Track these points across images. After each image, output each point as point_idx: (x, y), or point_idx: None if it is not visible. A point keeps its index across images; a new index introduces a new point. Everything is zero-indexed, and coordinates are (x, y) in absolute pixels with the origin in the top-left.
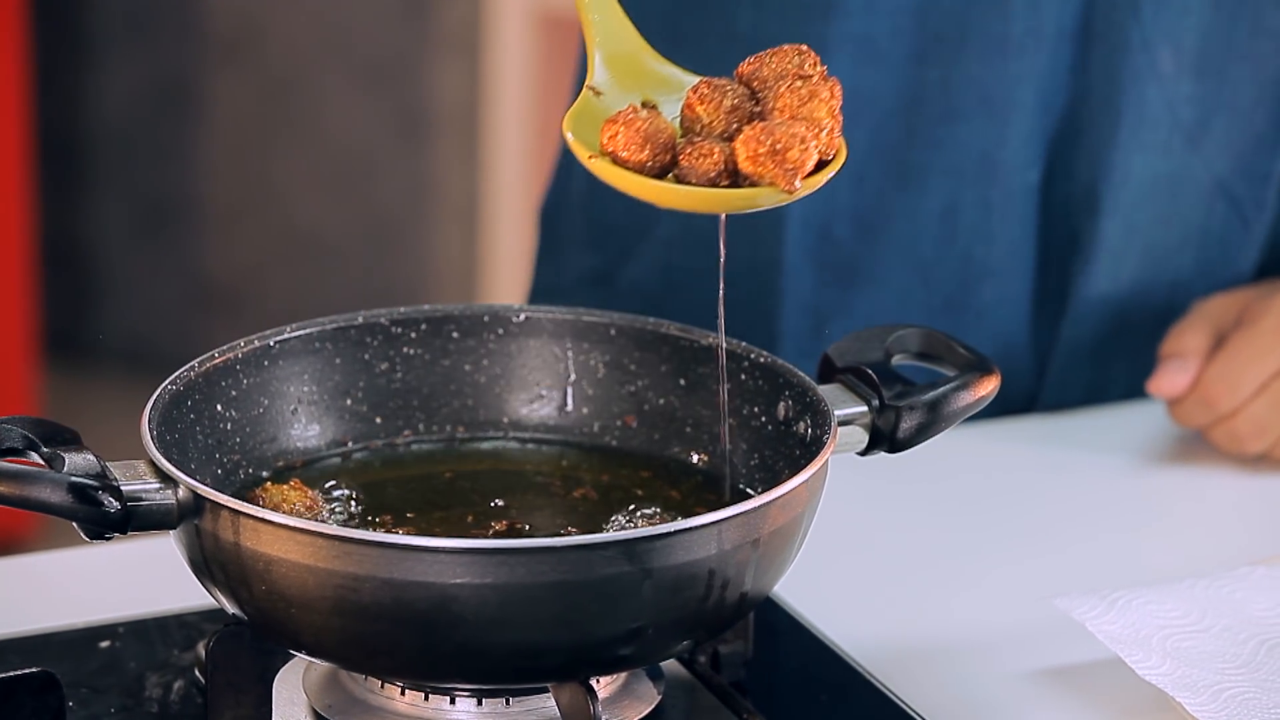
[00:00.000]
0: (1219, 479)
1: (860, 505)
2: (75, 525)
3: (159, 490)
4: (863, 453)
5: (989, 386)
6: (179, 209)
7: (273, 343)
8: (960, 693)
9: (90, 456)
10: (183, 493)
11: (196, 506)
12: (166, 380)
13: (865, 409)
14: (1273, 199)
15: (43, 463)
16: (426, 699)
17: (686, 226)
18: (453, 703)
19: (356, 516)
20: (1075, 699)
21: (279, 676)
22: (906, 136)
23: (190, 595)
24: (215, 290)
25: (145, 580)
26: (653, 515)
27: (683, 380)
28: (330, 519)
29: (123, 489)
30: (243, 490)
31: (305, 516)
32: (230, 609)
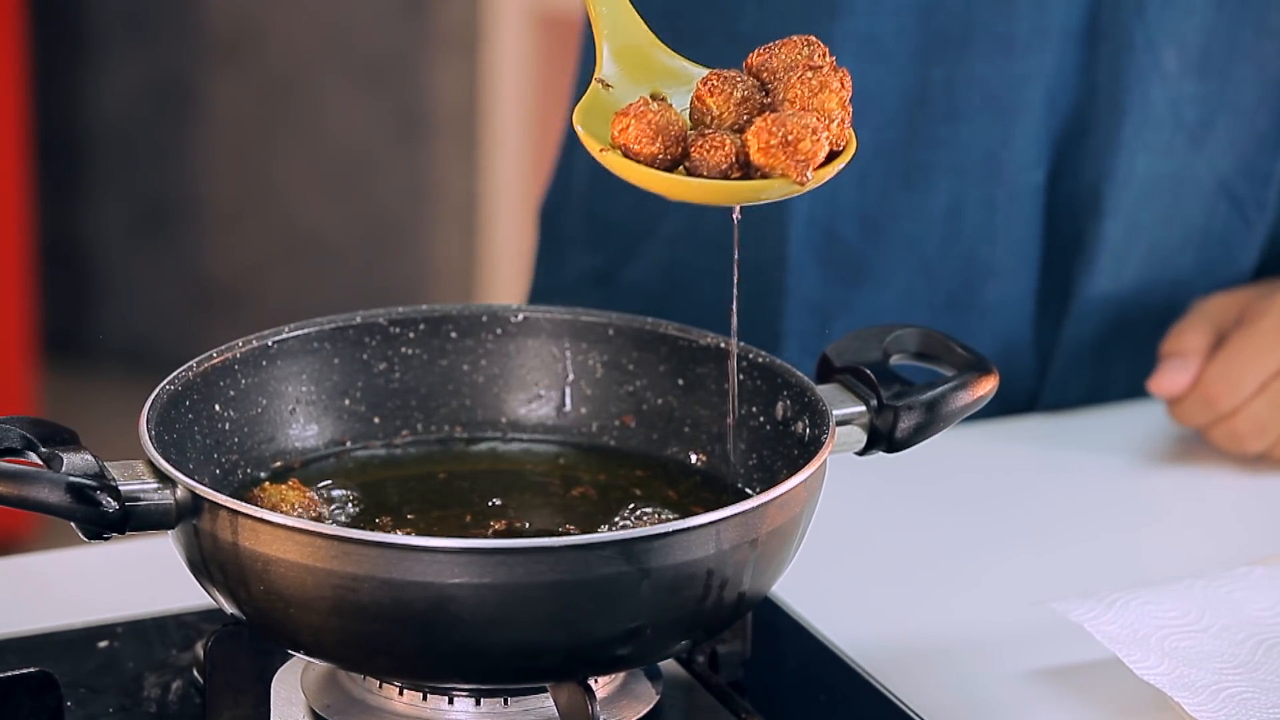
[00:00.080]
0: (1218, 479)
1: (859, 505)
2: (73, 525)
3: (157, 490)
4: (861, 452)
5: (987, 386)
6: (178, 209)
7: (271, 343)
8: (959, 693)
9: (88, 456)
10: (181, 493)
11: (195, 506)
12: (165, 380)
13: (863, 409)
14: (1274, 199)
15: (41, 463)
16: (425, 699)
17: (692, 225)
18: (451, 703)
19: (355, 516)
20: (1074, 699)
21: (277, 676)
22: (911, 136)
23: (188, 595)
24: (214, 290)
25: (143, 580)
26: (651, 515)
27: (681, 380)
28: (328, 519)
29: (121, 489)
30: (241, 490)
31: (303, 516)
32: (228, 609)
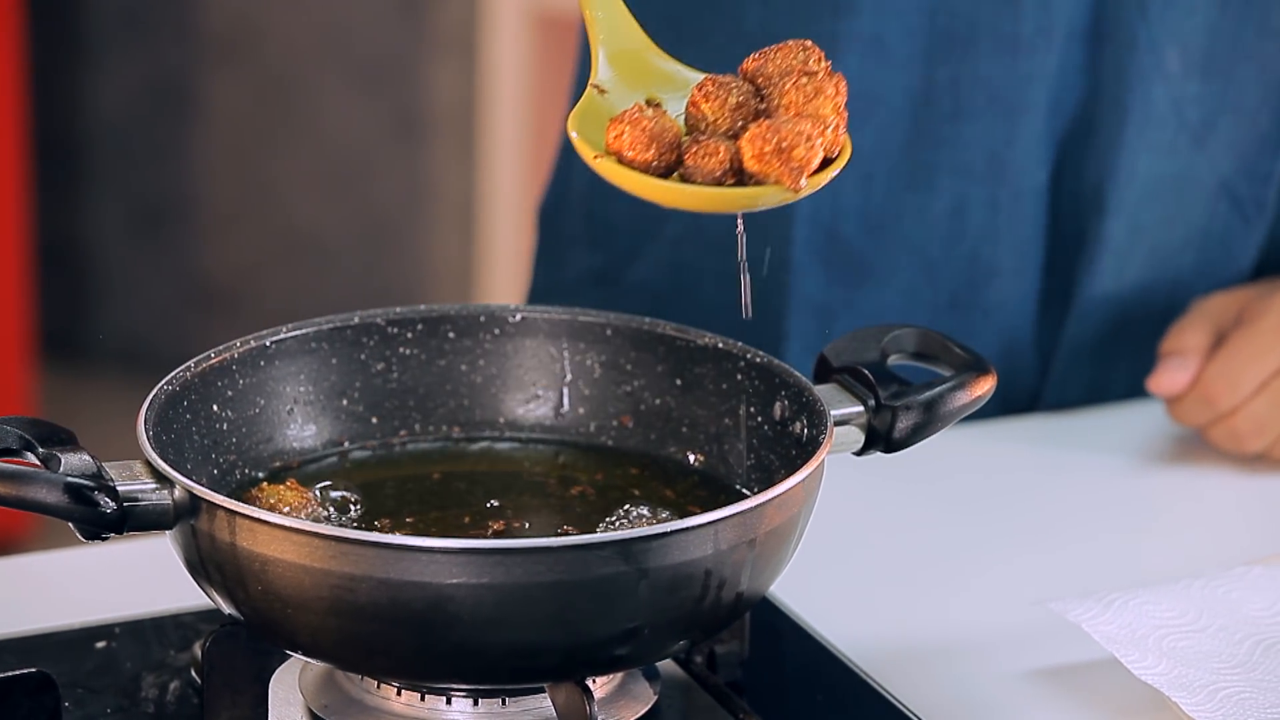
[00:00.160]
0: (1217, 479)
1: (857, 505)
2: (71, 525)
3: (155, 490)
4: (859, 453)
5: (985, 386)
6: (175, 209)
7: (269, 343)
8: (957, 693)
9: (86, 457)
10: (179, 493)
11: (192, 507)
12: (163, 380)
13: (861, 409)
14: (1273, 199)
15: (39, 463)
16: (423, 699)
17: (696, 226)
18: (449, 703)
19: (352, 517)
20: (1071, 699)
21: (275, 677)
22: (915, 135)
23: (186, 595)
24: (212, 290)
25: (141, 580)
26: (648, 515)
27: (679, 380)
28: (326, 519)
29: (119, 489)
30: (239, 490)
31: (301, 517)
32: (226, 609)
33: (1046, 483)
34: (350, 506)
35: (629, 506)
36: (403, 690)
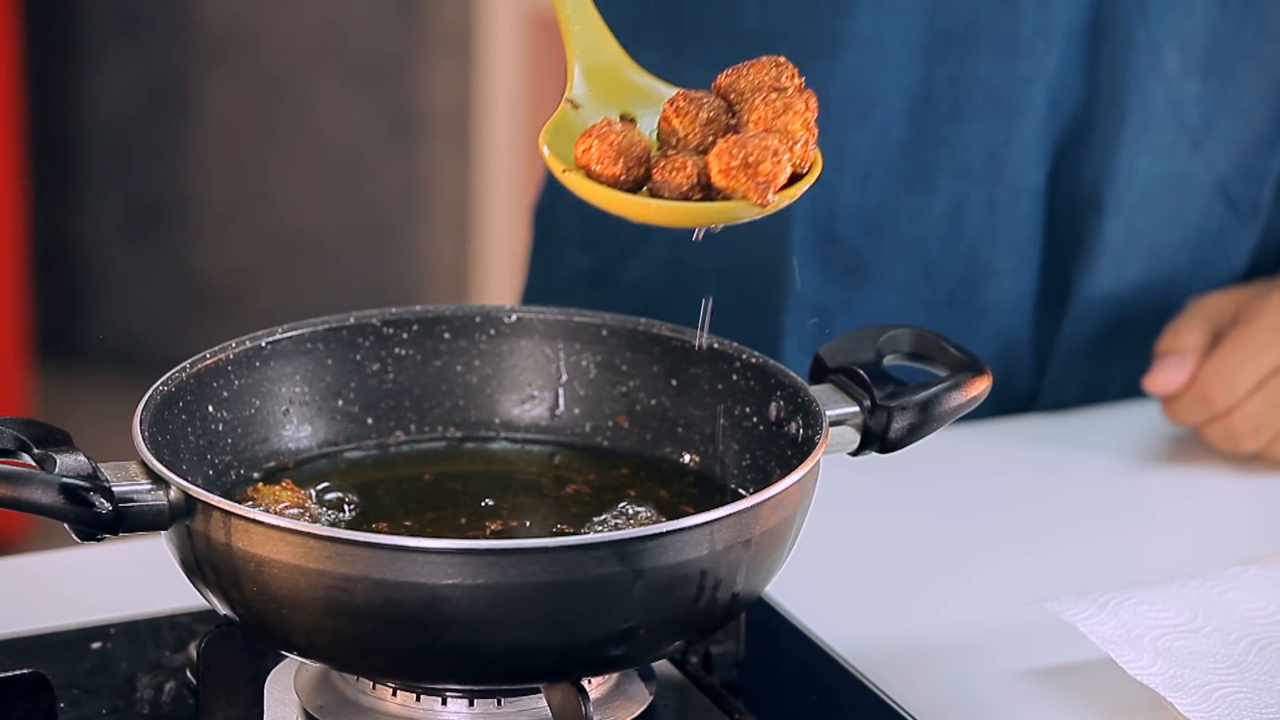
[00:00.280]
0: (1212, 479)
1: (853, 506)
2: (67, 526)
3: (150, 491)
4: (854, 453)
5: (980, 387)
6: (171, 209)
7: (264, 343)
8: (952, 693)
9: (82, 458)
10: (174, 494)
11: (188, 507)
12: (158, 381)
13: (857, 409)
14: (1268, 199)
15: (34, 464)
16: (418, 700)
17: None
18: (444, 703)
19: (348, 517)
20: (1067, 699)
21: (271, 677)
22: (914, 135)
23: (182, 596)
24: (207, 291)
25: (137, 581)
26: (643, 516)
27: (674, 381)
28: (322, 520)
29: (114, 490)
30: (234, 491)
31: (296, 517)
32: (222, 610)
33: (1042, 483)
34: (345, 507)
35: (624, 505)
36: (398, 691)
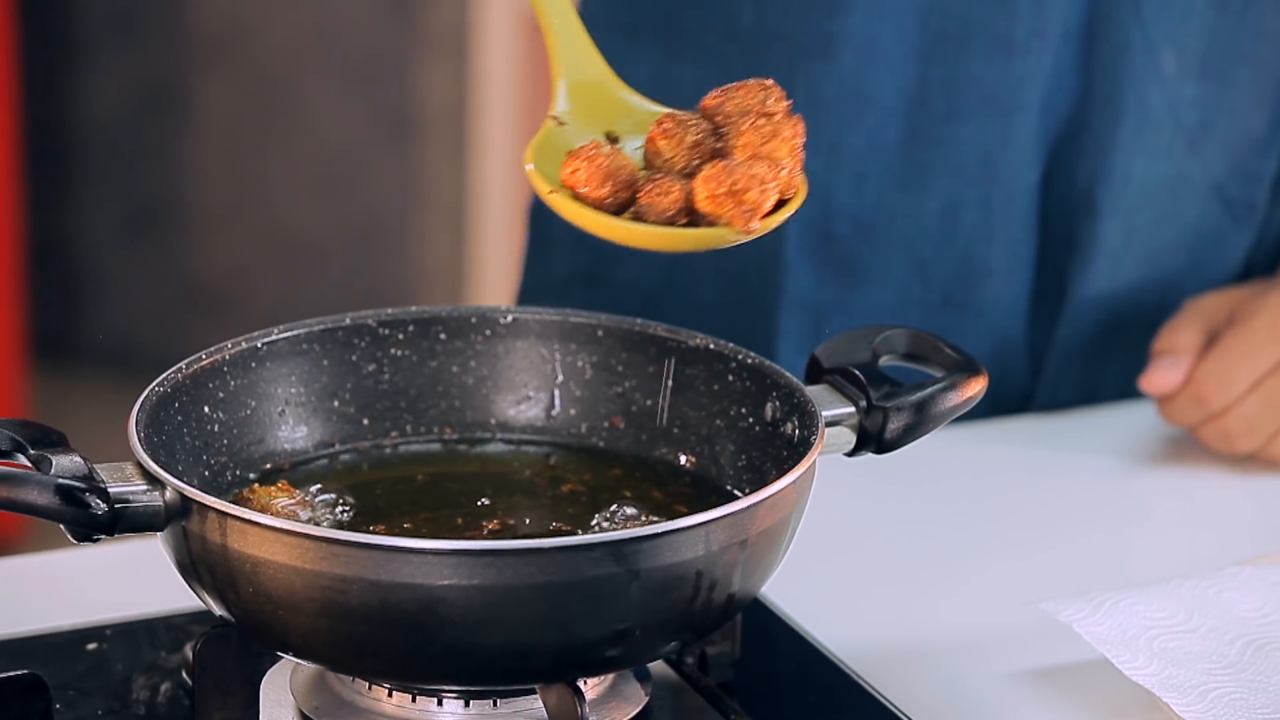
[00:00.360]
0: (1208, 479)
1: (848, 506)
2: (62, 527)
3: (146, 492)
4: (850, 453)
5: (976, 387)
6: (166, 210)
7: (260, 344)
8: (948, 694)
9: (77, 458)
10: (170, 494)
11: (184, 508)
12: (154, 382)
13: (853, 410)
14: (1264, 199)
15: (30, 465)
16: (414, 700)
17: None
18: (440, 704)
19: (344, 518)
20: (1062, 700)
21: (266, 678)
22: (909, 135)
23: (177, 597)
24: (202, 292)
25: (132, 582)
26: (638, 516)
27: (670, 381)
28: (317, 521)
29: (110, 491)
30: (230, 492)
31: (292, 518)
32: (217, 611)
33: (1038, 483)
34: (341, 508)
35: (619, 506)
36: (394, 692)
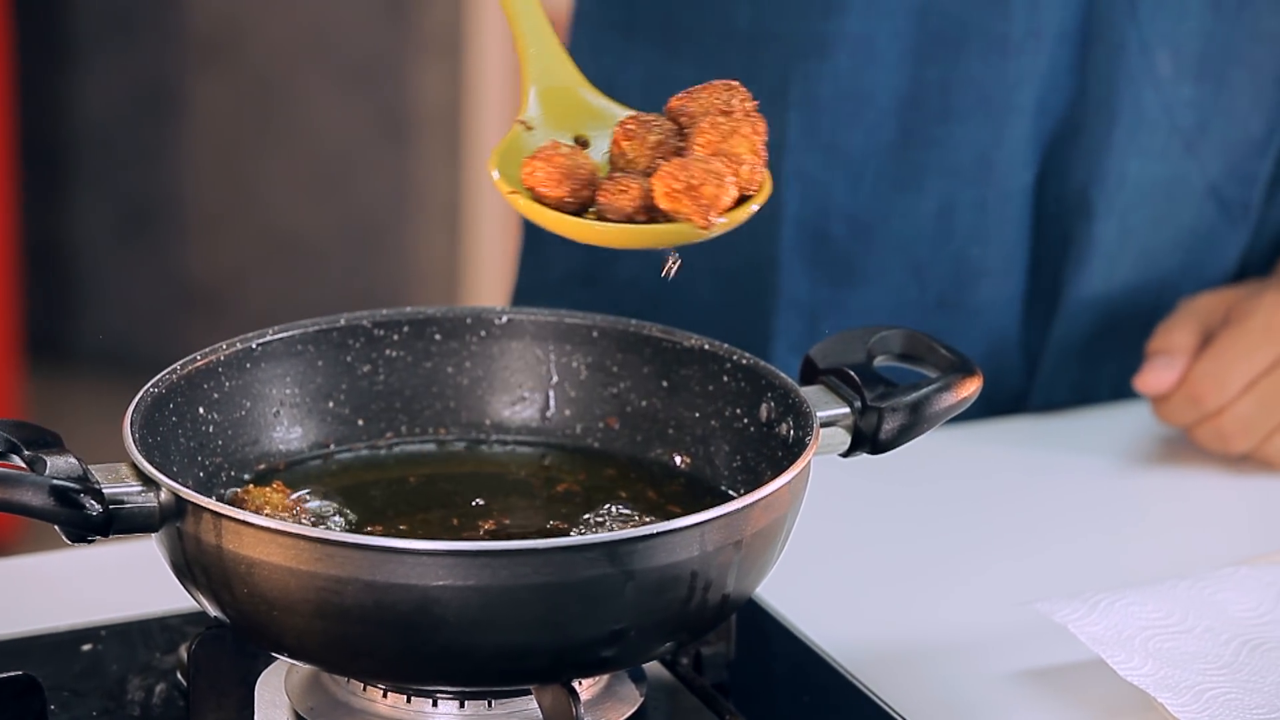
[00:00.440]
0: (1203, 480)
1: (843, 507)
2: (57, 528)
3: (141, 493)
4: (845, 454)
5: (971, 388)
6: (161, 211)
7: (255, 345)
8: (943, 694)
9: (72, 459)
10: (165, 495)
11: (178, 509)
12: (148, 383)
13: (847, 410)
14: (1259, 199)
15: (24, 466)
16: (409, 701)
17: None
18: (435, 705)
19: (338, 519)
20: (1058, 700)
21: (261, 679)
22: (904, 136)
23: (172, 598)
24: (197, 293)
25: (127, 583)
26: (633, 517)
27: (665, 382)
28: (312, 521)
29: (104, 492)
30: (225, 493)
31: (287, 519)
32: (212, 612)
33: (1033, 484)
34: (336, 509)
35: (614, 506)
36: (388, 693)
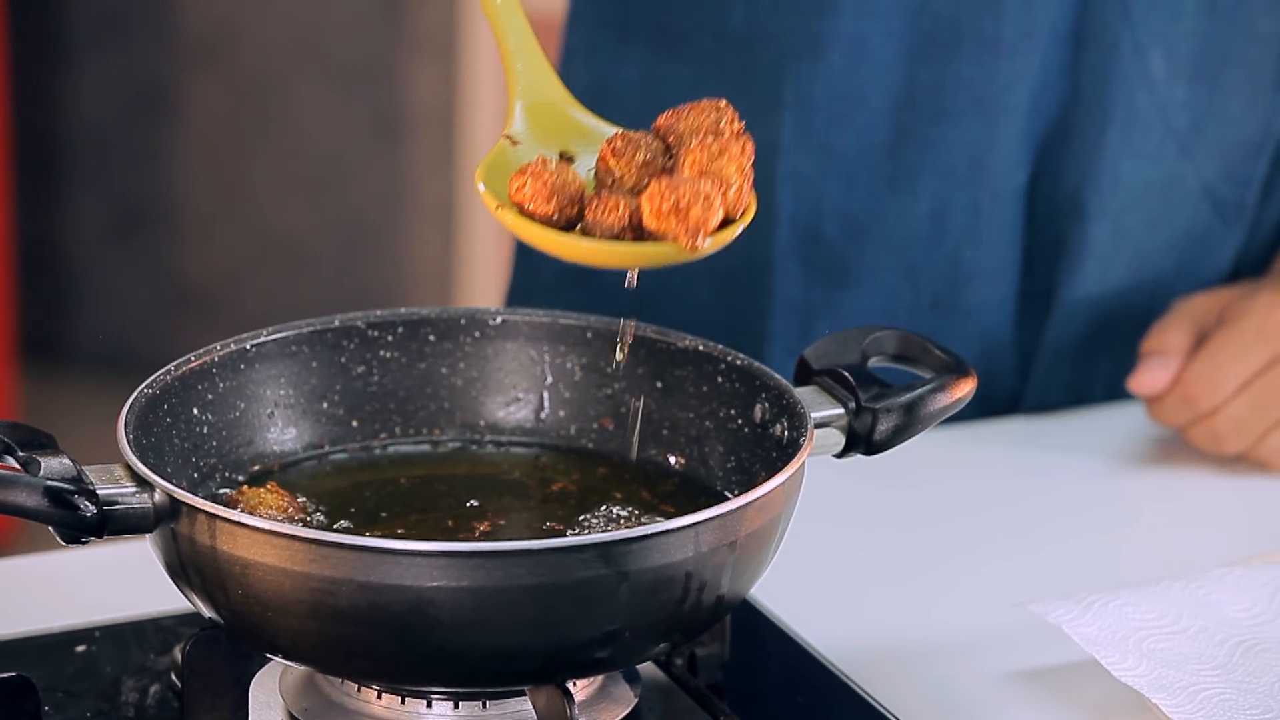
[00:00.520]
0: (1196, 480)
1: (837, 508)
2: (51, 529)
3: (135, 494)
4: (839, 455)
5: (965, 388)
6: (155, 212)
7: (249, 346)
8: (937, 695)
9: (66, 460)
10: (159, 496)
11: (173, 510)
12: (143, 384)
13: (842, 411)
14: (1253, 200)
15: (19, 467)
16: (403, 702)
17: None
18: (429, 706)
19: (333, 520)
20: (1052, 701)
21: (255, 680)
22: (898, 137)
23: (167, 599)
24: (192, 294)
25: (122, 584)
26: (628, 518)
27: (660, 383)
28: (306, 522)
29: (99, 493)
30: (219, 494)
31: (282, 520)
32: (207, 613)
33: (1027, 485)
34: (330, 510)
35: (610, 509)
36: (383, 693)
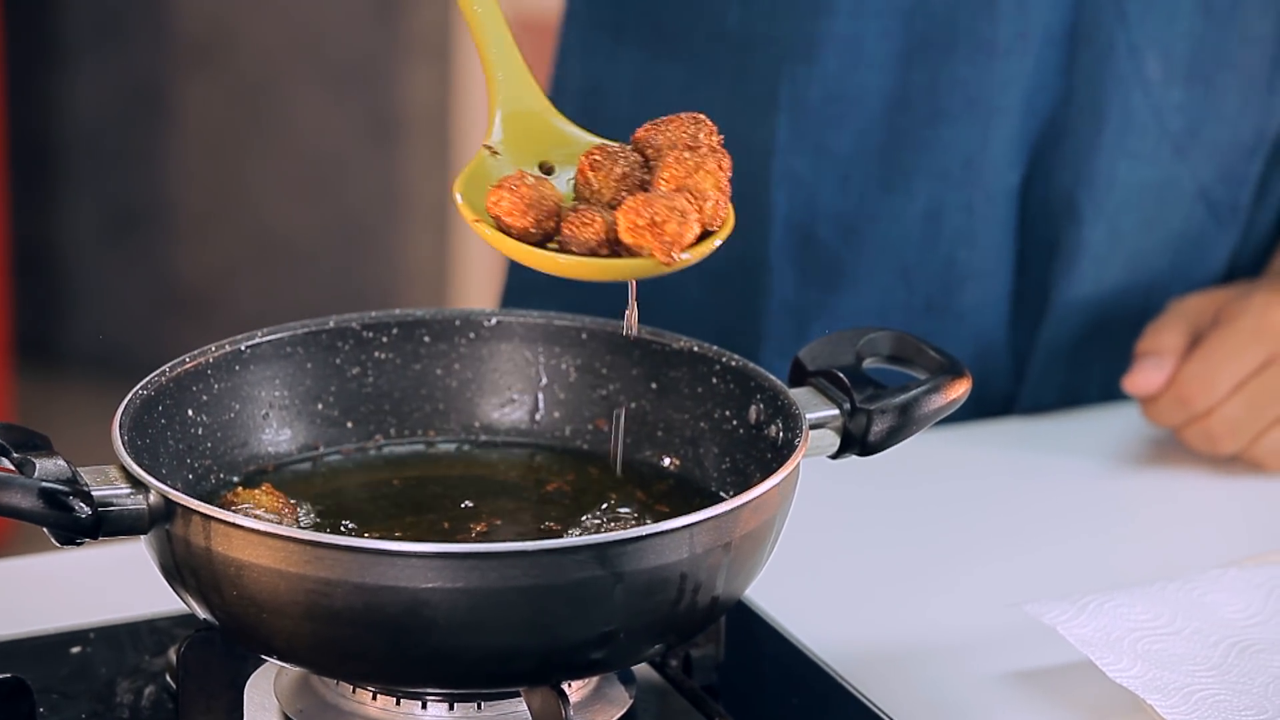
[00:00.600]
0: (1191, 481)
1: (832, 509)
2: (46, 530)
3: (130, 495)
4: (834, 456)
5: (960, 389)
6: (150, 213)
7: (244, 347)
8: (932, 696)
9: (61, 462)
10: (154, 498)
11: (167, 511)
12: (137, 385)
13: (836, 412)
14: (1247, 201)
15: (13, 468)
16: (398, 704)
17: None
18: (424, 707)
19: (328, 521)
20: (1047, 702)
21: (250, 682)
22: (892, 138)
23: (161, 600)
24: (186, 295)
25: (116, 585)
26: (624, 519)
27: (654, 384)
28: (301, 524)
29: (94, 494)
30: (214, 495)
31: (276, 521)
32: (201, 614)
33: (1021, 486)
34: (325, 511)
35: (604, 508)
36: (378, 695)
